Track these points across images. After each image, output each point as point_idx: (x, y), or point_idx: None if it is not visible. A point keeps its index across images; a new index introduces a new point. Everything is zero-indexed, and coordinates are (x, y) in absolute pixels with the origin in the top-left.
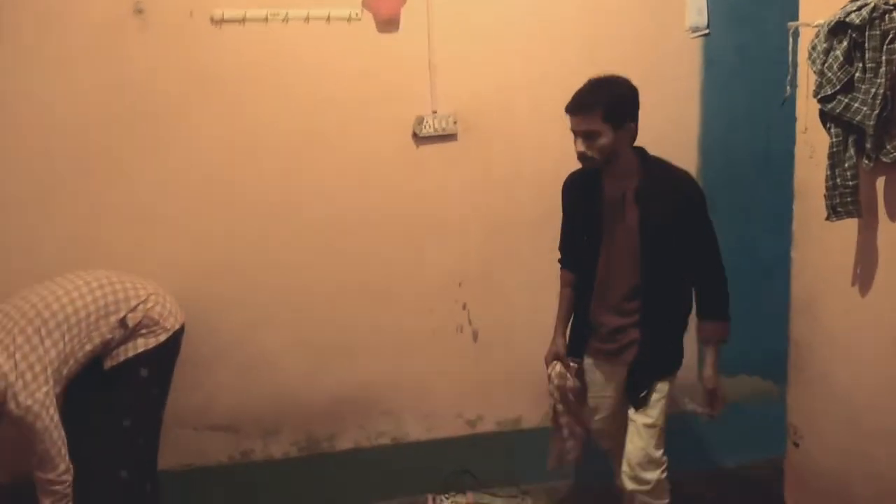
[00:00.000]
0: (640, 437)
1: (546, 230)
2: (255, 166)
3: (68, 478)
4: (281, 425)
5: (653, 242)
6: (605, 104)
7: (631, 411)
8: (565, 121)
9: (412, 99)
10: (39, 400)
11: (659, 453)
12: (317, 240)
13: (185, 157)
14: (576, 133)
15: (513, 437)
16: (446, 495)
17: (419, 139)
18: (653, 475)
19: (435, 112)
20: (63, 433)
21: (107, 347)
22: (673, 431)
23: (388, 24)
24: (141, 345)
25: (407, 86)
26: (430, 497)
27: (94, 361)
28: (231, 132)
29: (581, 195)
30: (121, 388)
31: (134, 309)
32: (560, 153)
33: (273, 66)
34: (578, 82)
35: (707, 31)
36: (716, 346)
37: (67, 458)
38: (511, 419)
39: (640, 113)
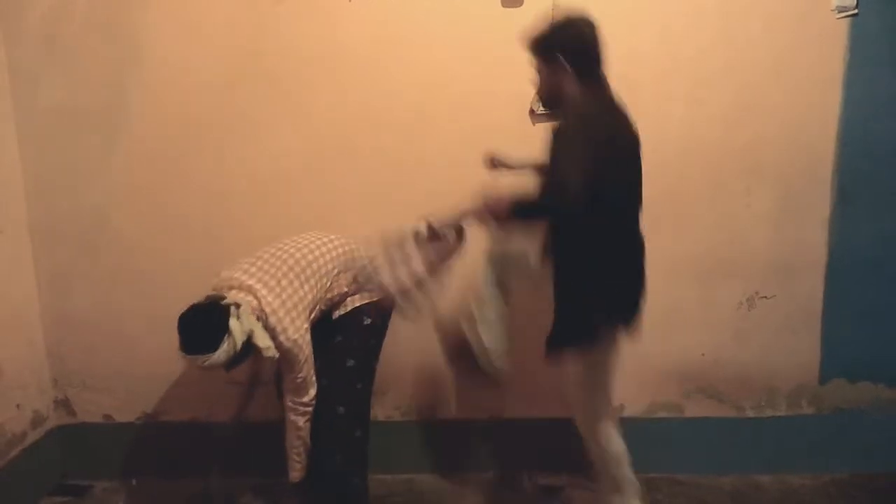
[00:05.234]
0: None
1: (662, 212)
2: (375, 136)
3: (314, 401)
4: (387, 389)
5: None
6: (534, 40)
7: None
8: (692, 103)
9: (532, 73)
10: (302, 335)
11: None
12: (429, 209)
13: (311, 124)
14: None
15: None
16: (541, 474)
17: (536, 116)
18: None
19: None
20: (312, 366)
21: (342, 299)
22: (784, 433)
23: None
24: (367, 297)
25: (527, 62)
26: (525, 474)
27: (324, 313)
28: (355, 101)
29: None
30: (347, 333)
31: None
32: (683, 134)
33: (398, 39)
34: (712, 61)
35: (855, 11)
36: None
37: (315, 384)
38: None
39: (777, 97)
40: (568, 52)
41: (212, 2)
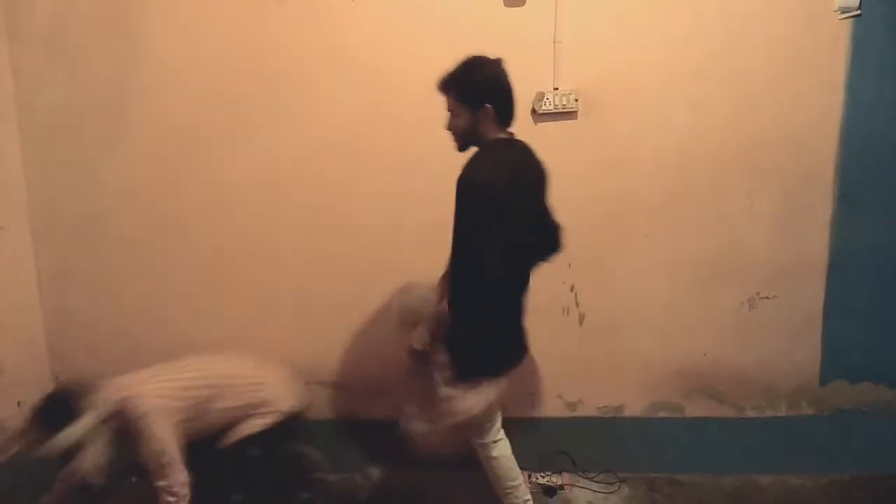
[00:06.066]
0: None
1: (663, 216)
2: (377, 137)
3: (182, 491)
4: (386, 389)
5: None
6: (460, 86)
7: None
8: (694, 104)
9: (534, 75)
10: (154, 409)
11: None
12: (429, 211)
13: (313, 125)
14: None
15: (613, 423)
16: (542, 474)
17: (538, 116)
18: None
19: (556, 89)
20: (175, 450)
21: (225, 426)
22: (784, 434)
23: None
24: (255, 426)
25: (529, 61)
26: (525, 474)
27: (209, 442)
28: (357, 102)
29: None
30: (232, 467)
31: (252, 391)
32: (685, 136)
33: (400, 39)
34: (713, 64)
35: (858, 13)
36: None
37: (183, 469)
38: (613, 406)
39: (779, 100)
40: (494, 101)
41: (213, 3)
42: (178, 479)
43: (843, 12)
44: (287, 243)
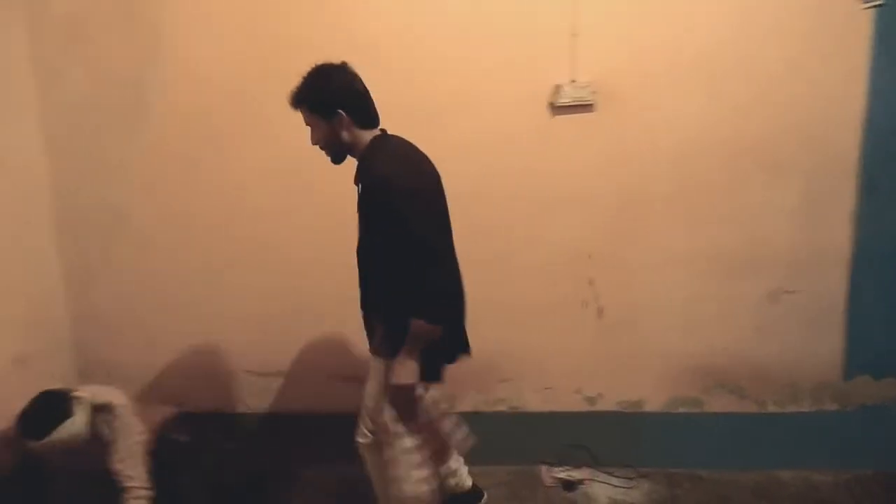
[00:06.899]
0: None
1: (680, 207)
2: (396, 131)
3: (144, 493)
4: None
5: (360, 231)
6: (309, 98)
7: None
8: (710, 94)
9: (551, 67)
10: (130, 420)
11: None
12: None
13: None
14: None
15: (633, 418)
16: (561, 468)
17: (555, 108)
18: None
19: (574, 81)
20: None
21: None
22: (806, 429)
23: None
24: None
25: (547, 53)
26: (543, 467)
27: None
28: (375, 96)
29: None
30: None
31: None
32: (702, 128)
33: (413, 32)
34: (729, 53)
35: (881, 2)
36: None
37: (143, 477)
38: (632, 401)
39: (799, 89)
40: (347, 106)
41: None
42: (135, 483)
43: (865, 1)
44: (308, 237)
